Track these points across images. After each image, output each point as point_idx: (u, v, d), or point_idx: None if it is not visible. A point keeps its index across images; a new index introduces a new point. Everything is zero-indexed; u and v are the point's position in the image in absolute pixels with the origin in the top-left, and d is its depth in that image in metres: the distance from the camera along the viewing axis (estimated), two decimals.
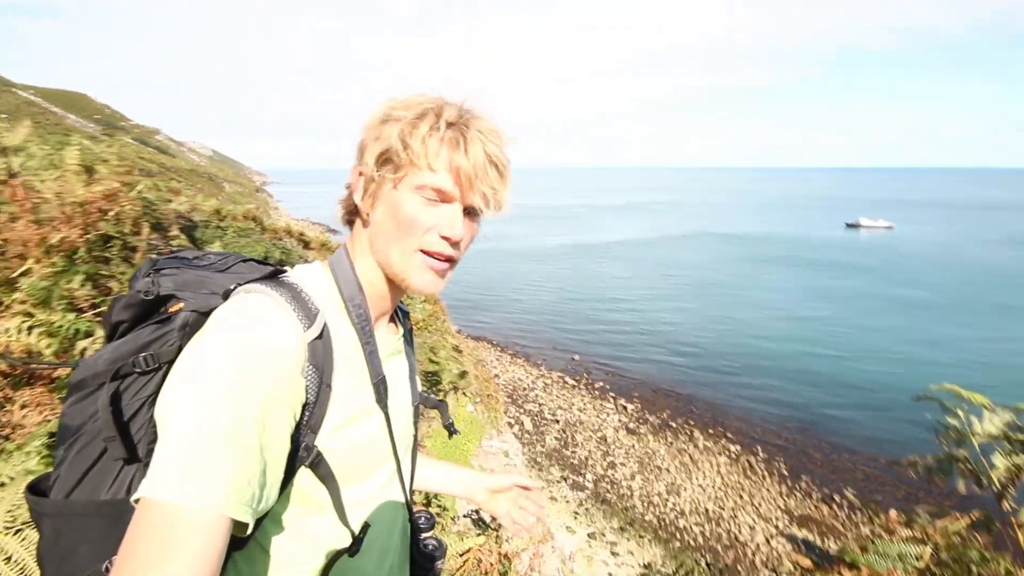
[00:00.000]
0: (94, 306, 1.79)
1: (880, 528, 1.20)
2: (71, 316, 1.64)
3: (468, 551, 1.63)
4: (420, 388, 0.96)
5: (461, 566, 1.55)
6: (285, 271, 0.74)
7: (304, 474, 0.68)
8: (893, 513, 1.27)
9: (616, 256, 32.98)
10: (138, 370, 0.64)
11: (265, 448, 0.59)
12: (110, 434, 0.61)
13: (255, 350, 0.60)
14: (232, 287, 0.68)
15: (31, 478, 0.98)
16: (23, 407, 1.27)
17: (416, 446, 0.93)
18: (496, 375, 13.51)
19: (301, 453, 0.66)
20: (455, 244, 0.74)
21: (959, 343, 16.12)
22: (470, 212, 0.75)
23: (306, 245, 10.41)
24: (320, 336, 0.67)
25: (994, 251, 34.02)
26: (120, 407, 0.63)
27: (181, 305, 0.69)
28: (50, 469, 0.77)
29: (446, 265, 0.75)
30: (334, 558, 0.72)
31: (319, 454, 0.68)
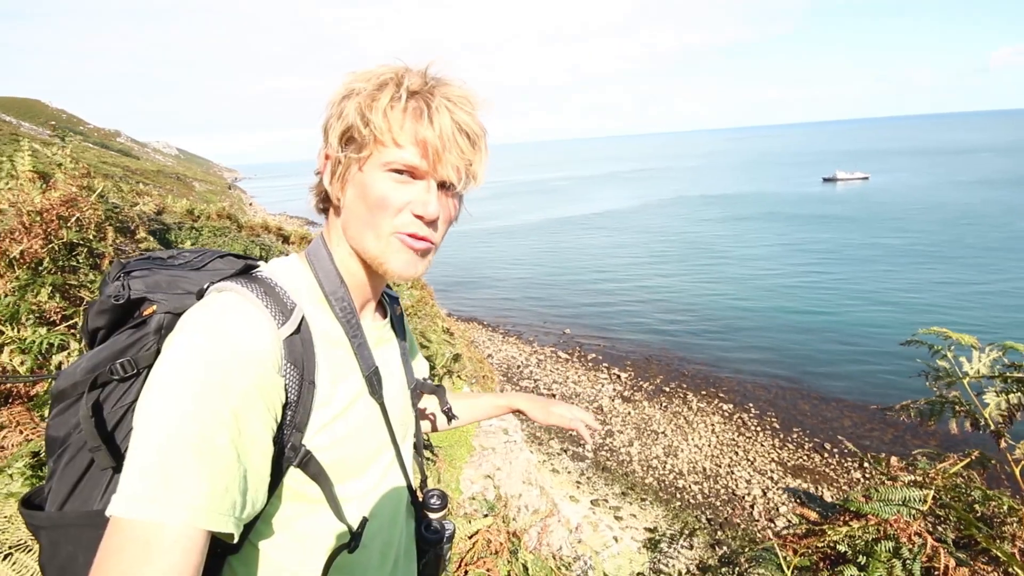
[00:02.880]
0: (65, 318, 1.72)
1: (882, 475, 1.22)
2: (42, 331, 1.57)
3: (476, 533, 1.63)
4: (422, 372, 0.94)
5: (471, 548, 1.55)
6: (258, 266, 0.70)
7: (294, 473, 0.65)
8: (894, 460, 1.29)
9: (600, 227, 33.04)
10: (116, 377, 0.62)
11: (242, 454, 0.56)
12: (95, 444, 0.59)
13: (224, 352, 0.57)
14: (206, 286, 0.65)
15: (12, 499, 0.95)
16: (1, 428, 1.22)
17: (419, 428, 0.91)
18: (489, 355, 13.57)
19: (288, 453, 0.63)
20: (431, 223, 0.69)
21: (941, 287, 16.57)
22: (445, 187, 0.69)
23: (285, 240, 10.25)
24: (297, 331, 0.64)
25: (968, 193, 34.80)
26: (103, 416, 0.61)
27: (155, 307, 0.66)
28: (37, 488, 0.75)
29: (425, 245, 0.70)
30: (333, 555, 0.70)
31: (307, 453, 0.65)
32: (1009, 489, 1.10)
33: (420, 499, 0.89)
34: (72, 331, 1.67)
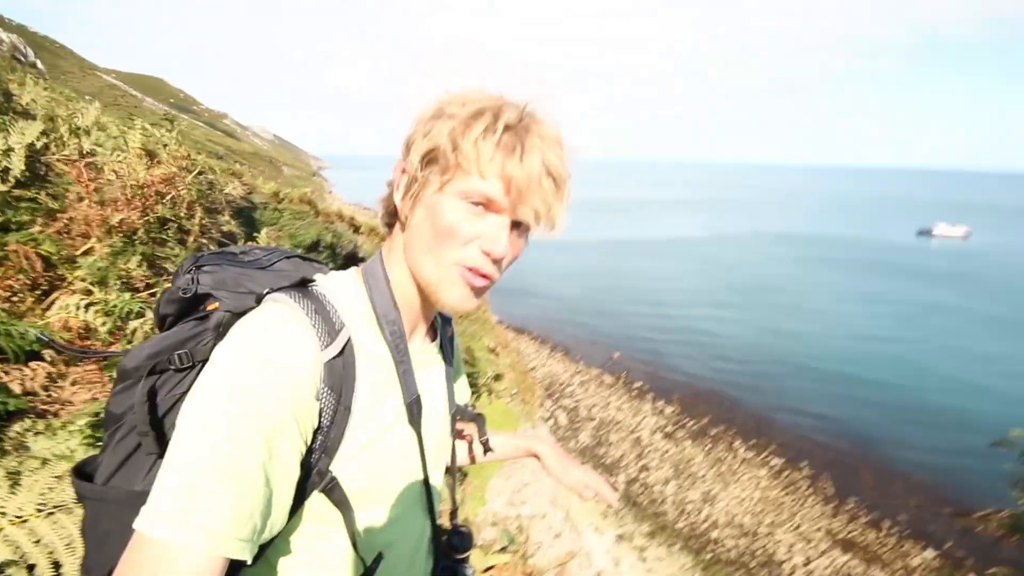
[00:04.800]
0: (148, 286, 1.88)
1: None
2: (126, 296, 1.72)
3: (491, 568, 1.60)
4: (464, 397, 0.92)
5: None
6: (315, 280, 0.71)
7: (317, 498, 0.65)
8: None
9: (664, 254, 32.12)
10: (173, 367, 0.64)
11: (270, 478, 0.56)
12: (144, 429, 0.62)
13: (264, 374, 0.57)
14: (264, 292, 0.66)
15: (64, 461, 1.03)
16: (74, 383, 1.34)
17: (454, 455, 0.89)
18: (533, 368, 13.49)
19: (313, 478, 0.63)
20: (496, 261, 0.67)
21: None
22: (518, 227, 0.68)
23: (356, 230, 10.70)
24: (340, 354, 0.64)
25: None
26: (155, 402, 0.63)
27: (217, 304, 0.68)
28: (92, 451, 0.79)
29: (484, 282, 0.68)
30: None
31: (333, 479, 0.65)
32: None
33: (444, 534, 0.86)
34: (152, 299, 1.81)
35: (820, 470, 9.74)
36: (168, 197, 2.15)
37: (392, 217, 0.74)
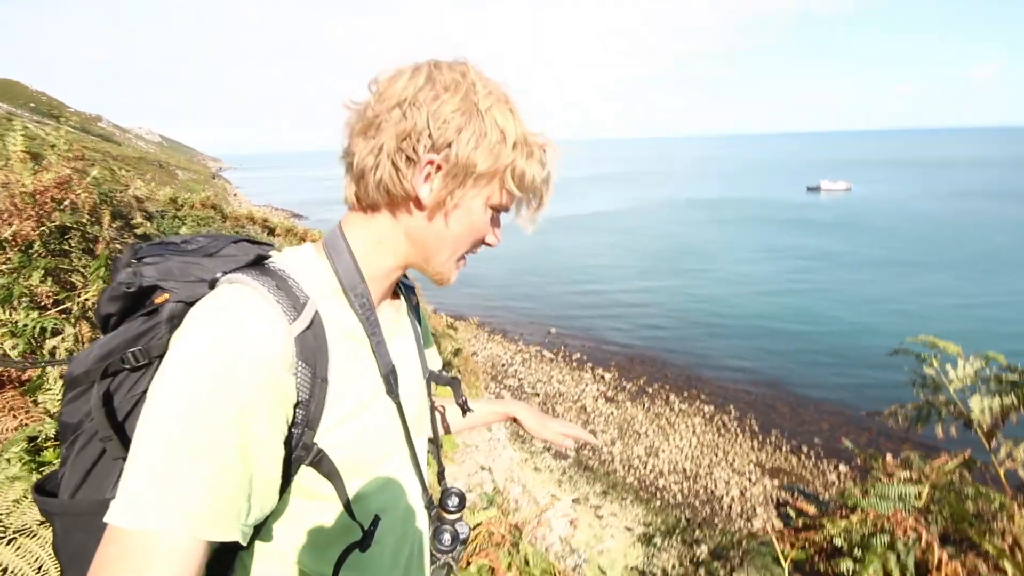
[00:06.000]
0: (57, 303, 1.69)
1: (877, 471, 1.26)
2: (35, 314, 1.54)
3: (479, 524, 1.66)
4: (435, 364, 0.94)
5: (473, 539, 1.56)
6: (270, 256, 0.69)
7: (307, 472, 0.65)
8: (890, 457, 1.33)
9: (588, 227, 33.16)
10: (127, 366, 0.61)
11: (249, 459, 0.55)
12: (106, 434, 0.59)
13: (232, 353, 0.55)
14: (218, 275, 0.63)
15: (20, 482, 0.94)
16: None
17: (434, 419, 0.91)
18: (475, 352, 13.54)
19: (299, 452, 0.63)
20: None
21: (921, 298, 16.91)
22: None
23: (271, 232, 10.09)
24: (310, 327, 0.62)
25: (945, 205, 35.79)
26: (113, 405, 0.60)
27: (167, 296, 0.64)
28: (35, 477, 0.74)
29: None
30: (345, 552, 0.70)
31: (320, 451, 0.64)
32: (994, 490, 1.15)
33: (437, 495, 0.89)
34: (64, 316, 1.63)
35: (744, 411, 10.68)
36: (67, 203, 1.91)
37: (389, 198, 0.69)
